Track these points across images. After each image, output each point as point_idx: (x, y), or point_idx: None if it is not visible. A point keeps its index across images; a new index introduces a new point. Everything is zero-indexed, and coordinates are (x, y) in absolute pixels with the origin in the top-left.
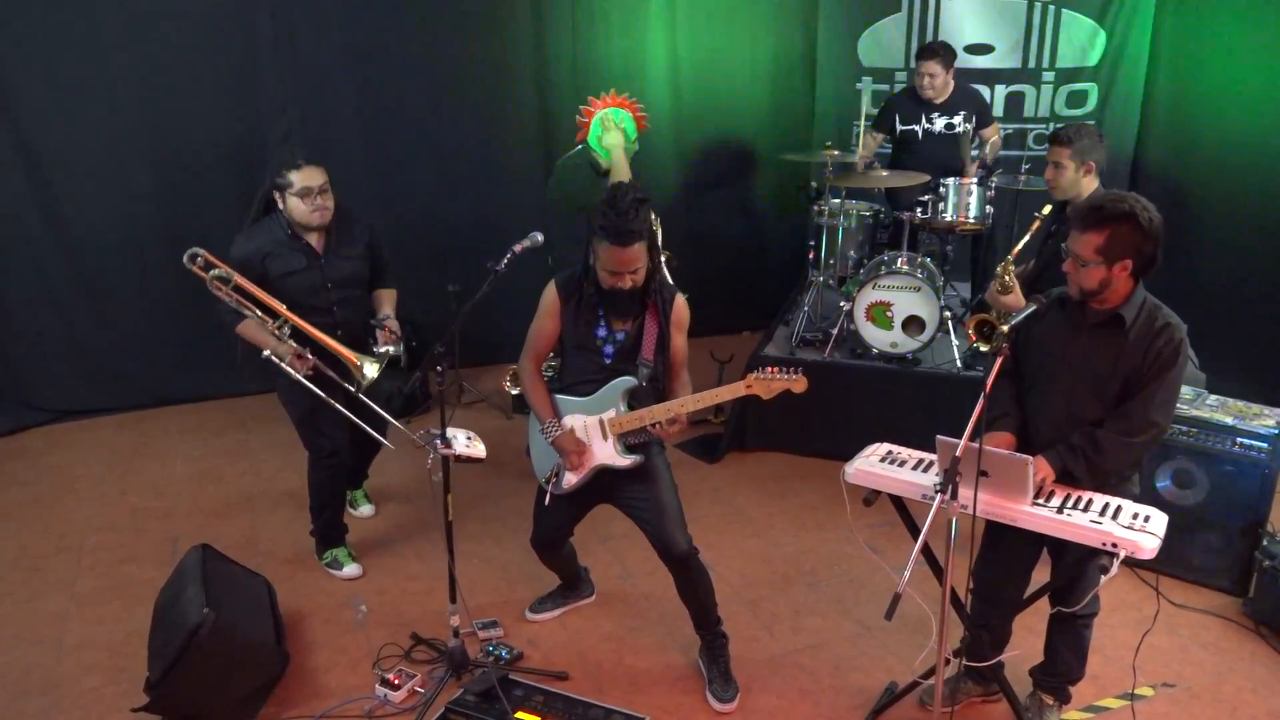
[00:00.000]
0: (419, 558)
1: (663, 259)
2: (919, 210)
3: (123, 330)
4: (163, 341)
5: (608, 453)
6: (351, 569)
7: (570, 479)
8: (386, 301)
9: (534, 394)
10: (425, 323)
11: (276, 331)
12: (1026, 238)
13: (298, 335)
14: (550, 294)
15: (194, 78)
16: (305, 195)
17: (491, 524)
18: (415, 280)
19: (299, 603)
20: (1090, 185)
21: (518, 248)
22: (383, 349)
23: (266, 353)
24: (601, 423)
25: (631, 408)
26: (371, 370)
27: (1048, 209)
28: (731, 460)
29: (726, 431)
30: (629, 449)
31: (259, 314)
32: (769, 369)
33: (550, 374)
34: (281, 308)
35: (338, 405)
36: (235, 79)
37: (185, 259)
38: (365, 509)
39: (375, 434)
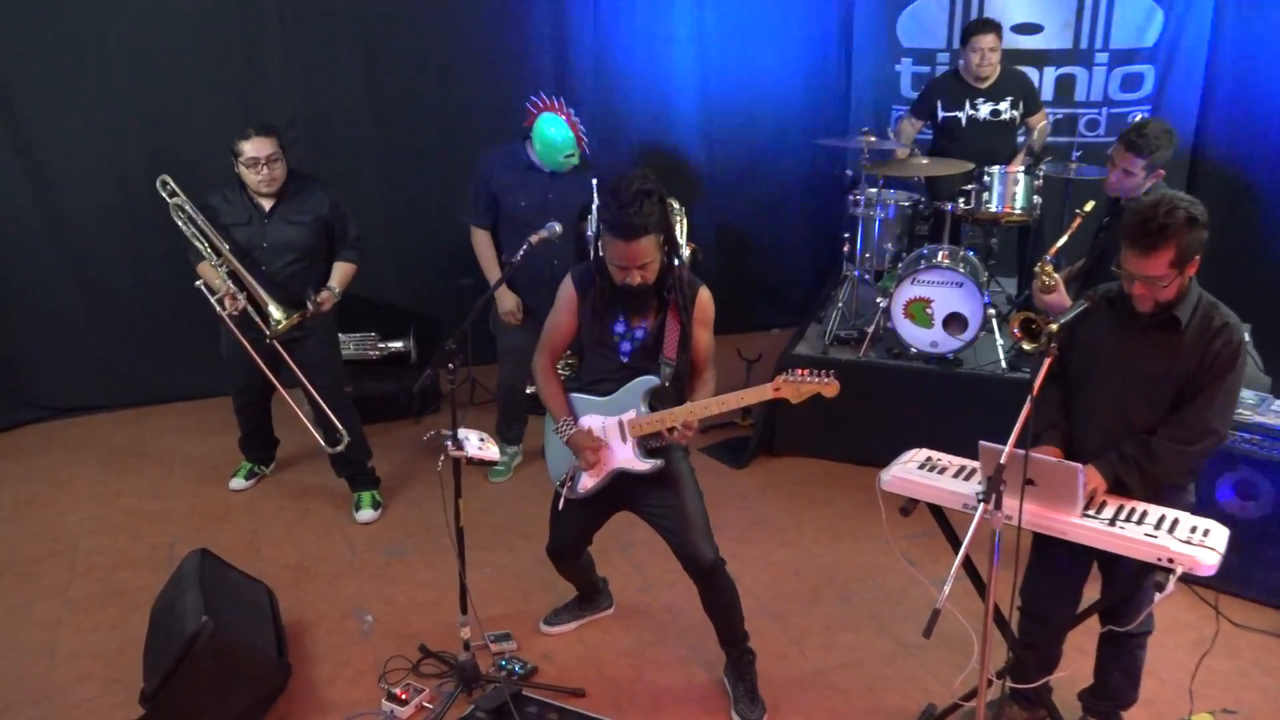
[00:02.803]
0: (428, 565)
1: (686, 252)
2: (961, 200)
3: (120, 325)
4: (161, 336)
5: (627, 455)
6: (235, 483)
7: (586, 482)
8: (336, 274)
9: (548, 391)
10: (437, 318)
11: (220, 274)
12: (1065, 237)
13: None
14: (566, 288)
15: (194, 66)
16: (253, 165)
17: (505, 531)
18: (426, 273)
19: (302, 612)
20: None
21: (534, 239)
22: (299, 312)
23: (199, 283)
24: (621, 424)
25: (653, 409)
26: (277, 314)
27: (1090, 205)
28: (759, 466)
29: (754, 435)
30: (650, 452)
31: (208, 249)
32: (799, 370)
33: (567, 373)
34: (225, 248)
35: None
36: (237, 66)
37: (157, 183)
38: (365, 513)
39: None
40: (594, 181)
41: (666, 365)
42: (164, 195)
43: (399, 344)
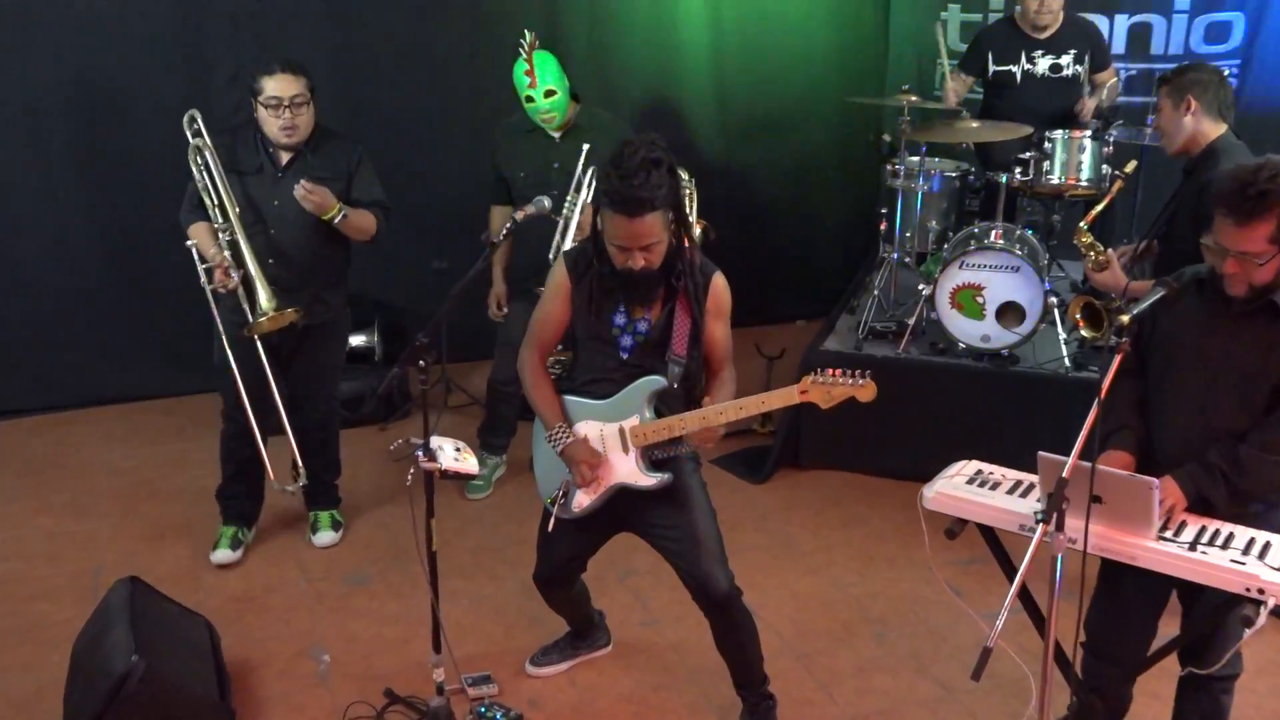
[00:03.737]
0: (395, 596)
1: (696, 230)
2: (1018, 170)
3: (39, 318)
4: (87, 330)
5: (628, 469)
6: (221, 554)
7: (581, 499)
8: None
9: (537, 393)
10: (406, 308)
11: (219, 239)
12: (1105, 202)
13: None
14: (559, 272)
15: (125, 16)
16: (274, 107)
17: (485, 556)
18: (394, 256)
19: (248, 650)
20: (1198, 127)
21: (519, 215)
22: (295, 310)
23: (191, 242)
24: (622, 431)
25: (659, 414)
26: (267, 302)
27: (1131, 166)
28: (782, 480)
29: (776, 444)
30: (655, 465)
31: (215, 208)
32: (830, 371)
33: (559, 371)
34: (234, 211)
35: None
36: (174, 17)
37: (184, 120)
38: (324, 535)
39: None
40: (584, 148)
41: (675, 364)
42: (187, 134)
43: (361, 338)
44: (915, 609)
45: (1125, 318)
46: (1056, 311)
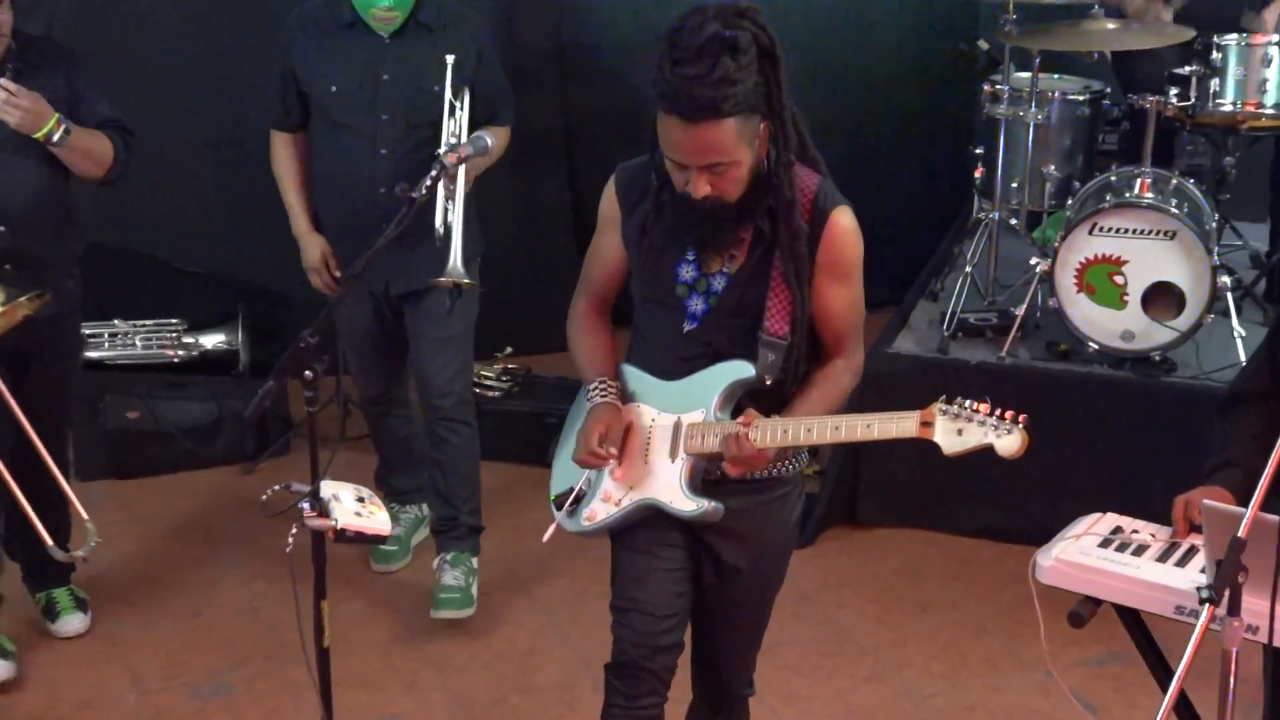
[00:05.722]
0: (269, 713)
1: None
2: (1174, 92)
3: None
4: None
5: (667, 482)
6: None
7: (596, 510)
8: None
9: (584, 342)
10: (283, 293)
11: None
12: None
13: None
14: (606, 195)
15: None
16: None
17: (401, 654)
18: (264, 221)
19: None
20: None
21: (450, 158)
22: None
23: None
24: (677, 428)
25: (737, 415)
26: None
27: None
28: (833, 543)
29: (824, 491)
30: (705, 486)
31: None
32: (972, 404)
33: (510, 386)
34: None
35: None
36: None
37: None
38: (70, 622)
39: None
40: (447, 60)
41: (771, 347)
42: None
43: (219, 338)
44: None
45: None
46: (1230, 297)
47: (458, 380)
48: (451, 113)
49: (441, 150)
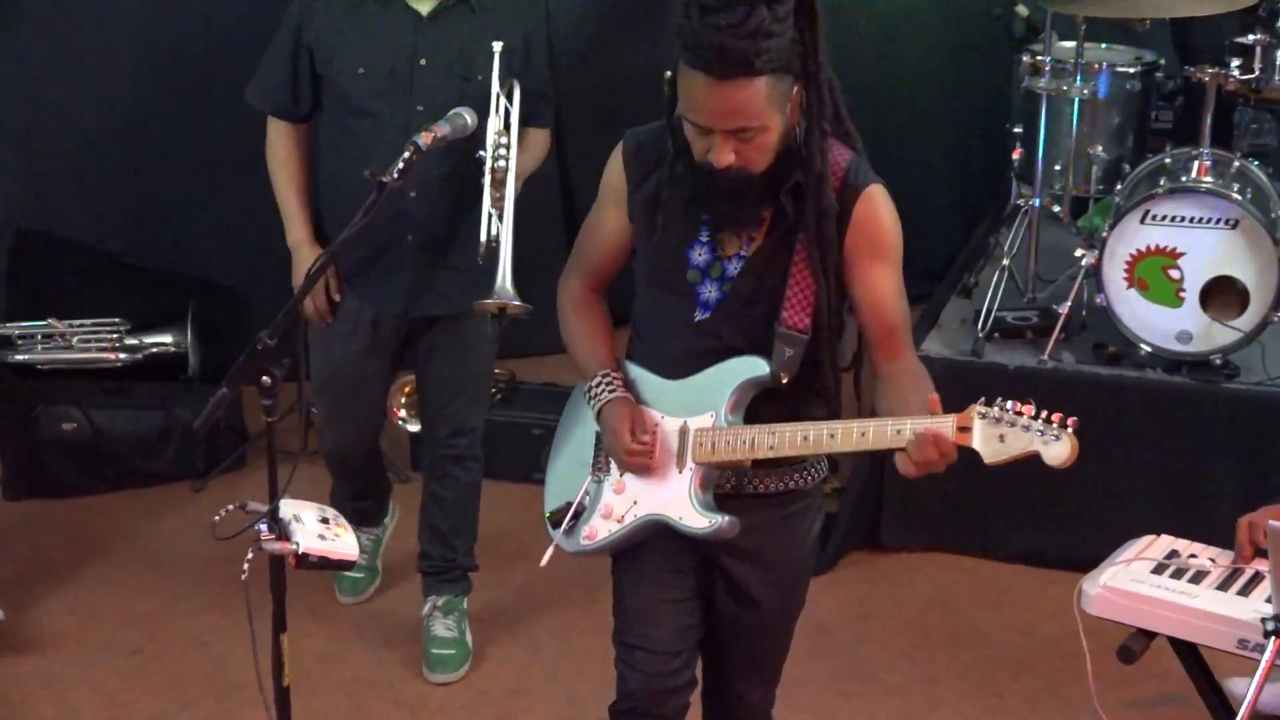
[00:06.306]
0: None
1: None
2: (1235, 64)
3: None
4: None
5: (675, 494)
6: None
7: (596, 527)
8: None
9: (579, 328)
10: (238, 289)
11: None
12: None
13: None
14: (614, 162)
15: None
16: None
17: (369, 694)
18: (219, 209)
19: None
20: None
21: (426, 139)
22: None
23: None
24: (684, 434)
25: (751, 419)
26: None
27: None
28: (854, 569)
29: (844, 511)
30: (716, 500)
31: None
32: (1014, 406)
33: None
34: None
35: None
36: None
37: None
38: None
39: None
40: (495, 48)
41: (788, 341)
42: None
43: (165, 338)
44: None
45: None
46: None
47: (477, 418)
48: (496, 108)
49: (485, 152)
